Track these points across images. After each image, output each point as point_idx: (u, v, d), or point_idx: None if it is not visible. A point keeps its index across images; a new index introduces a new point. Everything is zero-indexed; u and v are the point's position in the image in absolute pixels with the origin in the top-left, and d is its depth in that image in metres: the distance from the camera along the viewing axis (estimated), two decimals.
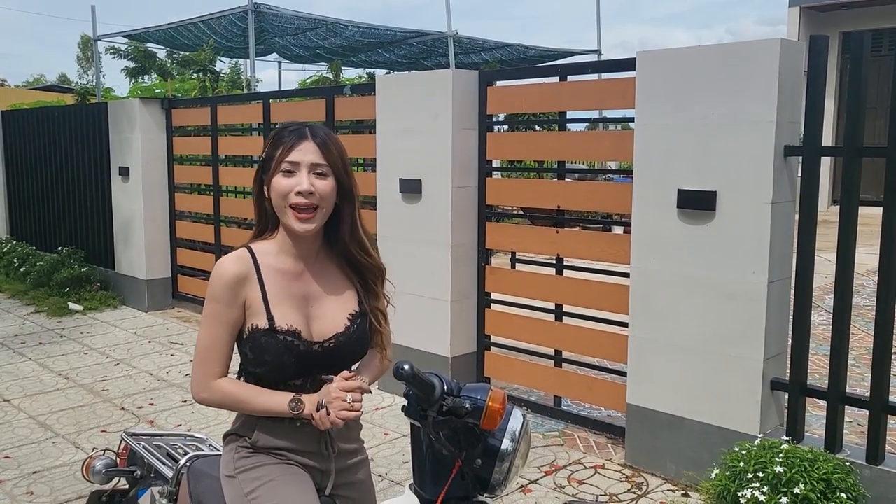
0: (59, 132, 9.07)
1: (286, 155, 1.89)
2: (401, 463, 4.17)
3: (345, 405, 1.81)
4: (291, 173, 1.89)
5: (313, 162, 1.90)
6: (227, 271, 1.90)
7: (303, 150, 1.90)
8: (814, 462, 3.16)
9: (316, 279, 1.98)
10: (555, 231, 4.70)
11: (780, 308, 3.67)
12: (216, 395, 1.92)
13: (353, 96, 5.90)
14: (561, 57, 18.56)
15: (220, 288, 1.89)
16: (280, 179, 1.89)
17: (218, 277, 1.90)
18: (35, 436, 4.60)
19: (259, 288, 1.91)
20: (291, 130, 1.93)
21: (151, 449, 2.38)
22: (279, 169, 1.90)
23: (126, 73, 15.99)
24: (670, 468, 3.94)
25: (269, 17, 13.34)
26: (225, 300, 1.89)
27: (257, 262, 1.93)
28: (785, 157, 3.52)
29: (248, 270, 1.92)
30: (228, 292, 1.89)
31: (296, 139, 1.91)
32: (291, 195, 1.88)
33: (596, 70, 4.64)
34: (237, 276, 1.90)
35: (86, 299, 8.02)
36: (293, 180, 1.89)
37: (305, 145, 1.90)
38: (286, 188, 1.89)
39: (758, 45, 3.51)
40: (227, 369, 1.95)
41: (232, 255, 1.95)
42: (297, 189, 1.88)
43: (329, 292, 1.98)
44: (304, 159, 1.90)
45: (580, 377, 4.69)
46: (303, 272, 1.97)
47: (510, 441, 1.66)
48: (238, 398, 1.91)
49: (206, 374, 1.92)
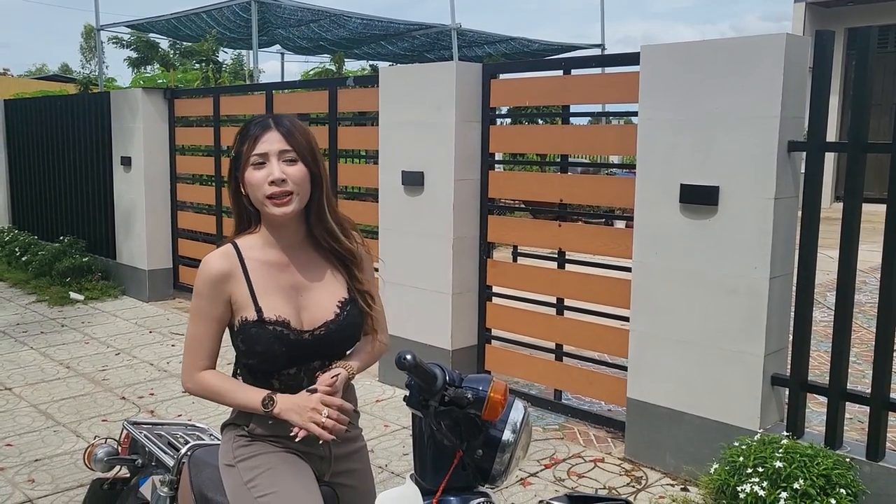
0: (61, 122, 9.06)
1: (253, 148, 1.91)
2: (401, 455, 4.17)
3: (317, 418, 1.84)
4: (262, 165, 1.91)
5: (281, 149, 1.91)
6: (211, 268, 1.93)
7: (269, 141, 1.92)
8: (814, 458, 3.16)
9: (303, 269, 1.99)
10: (557, 225, 4.69)
11: (782, 304, 3.67)
12: (199, 387, 1.97)
13: (357, 88, 5.89)
14: (564, 51, 18.53)
15: (204, 284, 1.93)
16: (253, 173, 1.91)
17: (202, 273, 1.94)
18: (36, 424, 4.61)
19: (245, 282, 1.93)
20: (256, 123, 1.95)
21: (153, 438, 2.39)
22: (249, 163, 1.92)
23: (128, 62, 15.97)
24: (670, 462, 3.94)
25: (272, 7, 13.32)
26: (207, 296, 1.93)
27: (242, 257, 1.95)
28: (788, 152, 3.51)
29: (232, 266, 1.94)
30: (211, 288, 1.92)
31: (260, 130, 1.93)
32: (266, 186, 1.90)
33: (600, 64, 4.62)
34: (220, 273, 1.92)
35: (87, 289, 8.03)
36: (265, 171, 1.90)
37: (270, 135, 1.92)
38: (260, 180, 1.90)
39: (763, 40, 3.49)
40: (214, 362, 1.99)
41: (217, 252, 1.97)
42: (270, 178, 1.90)
43: (317, 281, 1.99)
44: (271, 149, 1.91)
45: (581, 371, 4.69)
46: (288, 263, 1.98)
47: (511, 432, 1.66)
48: (218, 391, 1.95)
49: (192, 366, 1.97)
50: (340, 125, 5.96)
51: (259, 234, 1.99)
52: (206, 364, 1.97)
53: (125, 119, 7.88)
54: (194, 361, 1.96)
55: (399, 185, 5.14)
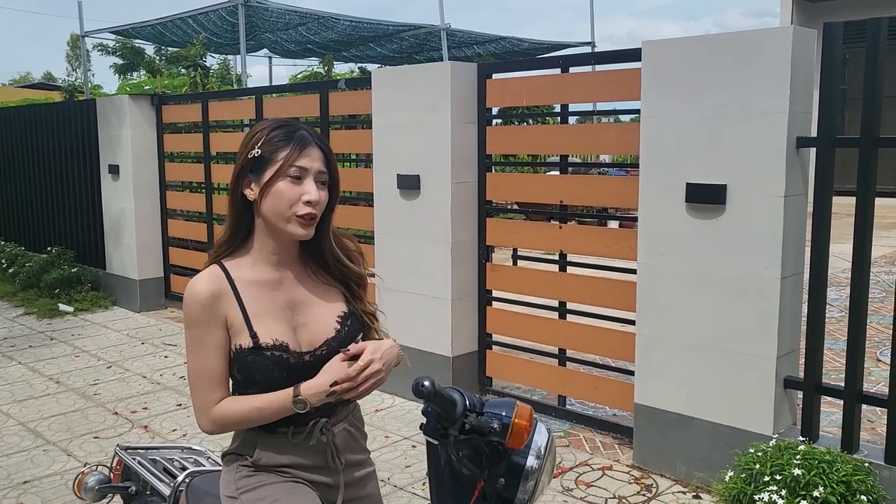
0: (46, 130, 8.89)
1: (296, 158, 1.75)
2: (402, 467, 4.05)
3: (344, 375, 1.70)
4: (299, 180, 1.76)
5: (320, 170, 1.78)
6: (201, 291, 1.75)
7: (311, 157, 1.77)
8: (832, 463, 3.06)
9: (296, 285, 1.85)
10: (558, 227, 4.59)
11: (794, 304, 3.57)
12: (220, 423, 1.78)
13: (348, 91, 5.77)
14: (554, 49, 18.48)
15: (196, 310, 1.75)
16: (289, 185, 1.75)
17: (191, 299, 1.76)
18: (25, 443, 4.46)
19: (237, 305, 1.77)
20: (291, 132, 1.78)
21: (147, 463, 2.26)
22: (286, 174, 1.75)
23: (115, 69, 15.80)
24: (680, 469, 3.84)
25: (259, 11, 13.18)
26: (203, 322, 1.75)
27: (231, 278, 1.79)
28: (797, 148, 3.42)
29: (222, 287, 1.77)
30: (205, 312, 1.75)
31: (304, 143, 1.77)
32: (300, 204, 1.75)
33: (599, 61, 4.50)
34: (212, 294, 1.75)
35: (76, 300, 7.87)
36: (301, 188, 1.75)
37: (313, 151, 1.77)
38: (294, 196, 1.75)
39: (769, 34, 3.40)
40: (227, 389, 1.81)
41: (202, 275, 1.79)
42: (307, 198, 1.75)
43: (314, 296, 1.86)
44: (312, 166, 1.77)
45: (585, 376, 4.58)
46: (282, 279, 1.84)
47: (535, 458, 1.54)
48: (244, 417, 1.77)
49: (204, 403, 1.78)
50: (332, 128, 5.83)
51: (249, 250, 1.83)
52: (220, 395, 1.78)
53: (112, 126, 7.72)
54: (205, 397, 1.77)
55: (394, 188, 5.02)
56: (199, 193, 7.43)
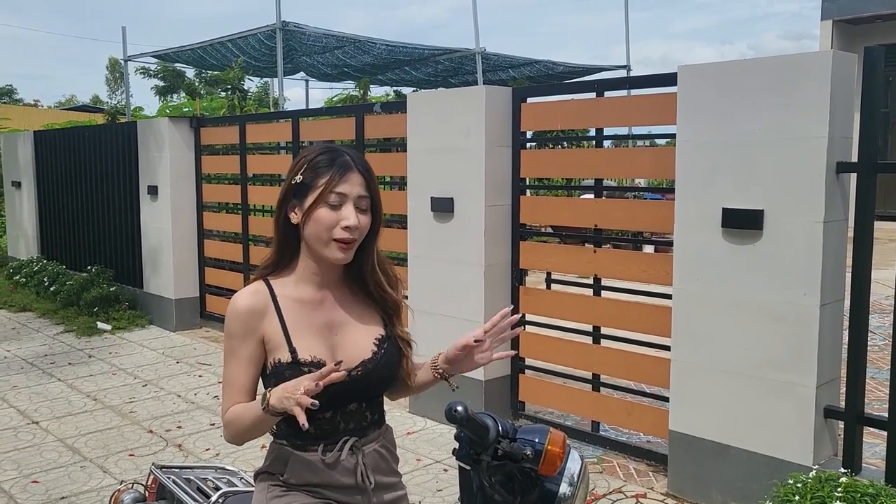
0: (89, 152, 9.11)
1: (336, 185, 1.78)
2: (434, 491, 4.03)
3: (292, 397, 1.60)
4: (338, 205, 1.79)
5: (360, 195, 1.81)
6: (241, 305, 1.82)
7: (351, 182, 1.80)
8: (876, 497, 2.97)
9: (336, 306, 1.88)
10: (592, 250, 4.56)
11: (833, 332, 3.50)
12: (226, 428, 1.83)
13: (383, 114, 5.82)
14: (589, 73, 18.47)
15: (234, 322, 1.82)
16: (328, 211, 1.79)
17: (232, 311, 1.83)
18: (63, 459, 4.53)
19: (278, 320, 1.81)
20: (333, 158, 1.81)
21: (181, 482, 2.28)
22: (325, 200, 1.79)
23: (155, 91, 16.15)
24: (716, 498, 3.76)
25: (296, 35, 13.40)
26: (239, 335, 1.81)
27: (274, 294, 1.84)
28: (837, 173, 3.37)
29: (264, 303, 1.83)
30: (241, 326, 1.81)
31: (345, 169, 1.80)
32: (338, 229, 1.78)
33: (634, 85, 4.50)
34: (251, 310, 1.81)
35: (114, 318, 8.01)
36: (339, 213, 1.79)
37: (353, 177, 1.80)
38: (333, 221, 1.78)
39: (808, 58, 3.37)
40: (251, 397, 1.84)
41: (248, 289, 1.86)
42: (345, 224, 1.78)
43: (353, 318, 1.89)
44: (351, 192, 1.80)
45: (619, 402, 4.53)
46: (323, 300, 1.87)
47: (569, 485, 1.53)
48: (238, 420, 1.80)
49: (224, 410, 1.84)
50: (367, 151, 5.88)
51: (294, 269, 1.88)
52: (241, 400, 1.83)
53: (151, 148, 7.88)
54: (225, 405, 1.83)
55: (428, 211, 5.04)
56: (235, 214, 7.53)
